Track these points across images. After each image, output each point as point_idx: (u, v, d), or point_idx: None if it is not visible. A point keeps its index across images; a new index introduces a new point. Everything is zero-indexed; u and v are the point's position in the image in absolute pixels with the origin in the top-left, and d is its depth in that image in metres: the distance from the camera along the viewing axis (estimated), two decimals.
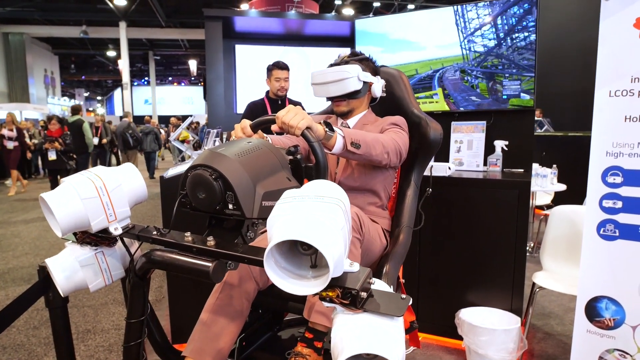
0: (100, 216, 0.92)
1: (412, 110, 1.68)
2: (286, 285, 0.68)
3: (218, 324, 1.15)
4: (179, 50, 21.63)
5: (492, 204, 2.20)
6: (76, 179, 0.93)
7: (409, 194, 1.60)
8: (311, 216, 0.67)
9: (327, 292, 0.71)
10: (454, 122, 2.52)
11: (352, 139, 1.26)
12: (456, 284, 2.28)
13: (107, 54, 20.87)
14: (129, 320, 1.01)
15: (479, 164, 2.46)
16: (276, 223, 0.69)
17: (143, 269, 0.96)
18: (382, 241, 1.44)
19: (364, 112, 1.64)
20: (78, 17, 15.66)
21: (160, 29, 17.16)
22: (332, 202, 0.71)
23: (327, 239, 0.64)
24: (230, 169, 0.87)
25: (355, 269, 0.73)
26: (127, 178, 0.99)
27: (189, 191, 0.91)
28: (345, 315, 0.72)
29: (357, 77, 1.51)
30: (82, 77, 25.85)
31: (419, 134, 1.60)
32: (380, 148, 1.33)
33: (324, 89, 1.56)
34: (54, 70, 20.20)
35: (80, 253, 1.01)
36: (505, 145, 2.41)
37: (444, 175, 2.27)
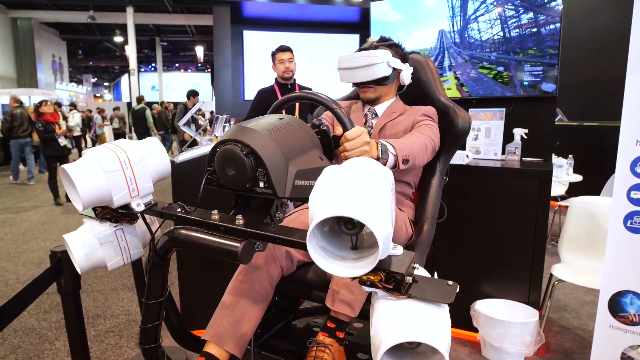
0: (123, 191, 0.88)
1: (439, 97, 1.63)
2: (330, 267, 0.64)
3: (241, 307, 1.12)
4: (186, 37, 21.50)
5: (511, 194, 2.15)
6: (99, 151, 0.90)
7: (433, 184, 1.56)
8: (359, 192, 0.63)
9: (369, 276, 0.67)
10: (471, 109, 2.46)
11: (403, 155, 1.22)
12: (472, 275, 2.24)
13: (114, 40, 20.77)
14: (147, 301, 0.98)
15: (497, 152, 2.41)
16: (320, 199, 0.64)
17: (165, 248, 0.92)
18: (408, 230, 1.40)
19: (392, 99, 1.59)
20: (85, 2, 15.54)
21: (167, 14, 17.03)
22: (379, 178, 0.66)
23: (377, 216, 0.60)
24: (262, 145, 0.83)
25: (399, 252, 0.68)
26: (151, 152, 0.95)
27: (217, 167, 0.86)
28: (387, 301, 0.68)
29: (387, 62, 1.46)
30: (89, 62, 25.78)
31: (446, 123, 1.55)
32: (423, 155, 1.32)
33: (351, 74, 1.50)
34: (61, 55, 20.15)
35: (99, 230, 0.98)
36: (525, 133, 2.35)
37: (461, 164, 2.22)
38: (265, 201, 0.91)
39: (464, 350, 2.15)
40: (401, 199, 1.49)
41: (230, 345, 1.08)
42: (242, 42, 8.72)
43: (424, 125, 1.44)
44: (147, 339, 1.00)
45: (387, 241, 0.63)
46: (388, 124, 1.52)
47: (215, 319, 1.12)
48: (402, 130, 1.48)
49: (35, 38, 16.53)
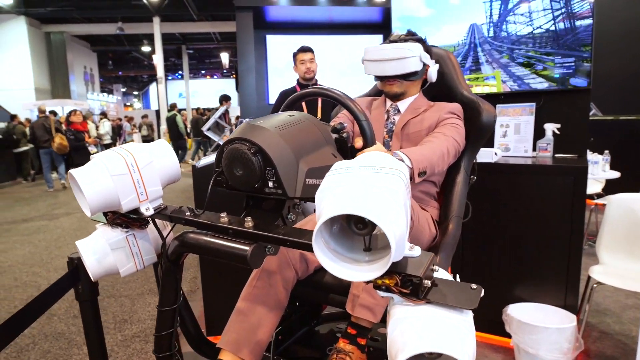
0: (131, 195, 0.86)
1: (461, 92, 1.56)
2: (338, 270, 0.59)
3: (256, 313, 1.08)
4: (211, 44, 21.86)
5: (544, 192, 2.04)
6: (106, 154, 0.88)
7: (458, 182, 1.49)
8: (370, 188, 0.57)
9: (383, 280, 0.61)
10: (499, 104, 2.36)
11: (420, 168, 1.17)
12: (504, 278, 2.14)
13: (142, 50, 21.32)
14: (161, 309, 0.95)
15: (527, 149, 2.30)
16: (327, 196, 0.59)
17: (176, 253, 0.89)
18: (432, 230, 1.33)
19: (415, 95, 1.53)
20: (114, 14, 16.02)
21: (193, 22, 17.37)
22: (391, 173, 0.60)
23: (389, 214, 0.54)
24: (270, 143, 0.79)
25: (417, 253, 0.63)
26: (160, 155, 0.92)
27: (225, 168, 0.83)
28: (404, 307, 0.62)
29: (419, 57, 1.41)
30: (119, 72, 26.55)
31: (470, 117, 1.48)
32: (443, 163, 1.27)
33: (380, 66, 1.44)
34: (92, 67, 20.82)
35: (111, 235, 0.96)
36: (557, 128, 2.23)
37: (489, 162, 2.12)
38: (276, 202, 0.87)
39: (497, 356, 2.05)
40: (425, 199, 1.43)
41: (245, 352, 1.04)
42: (265, 46, 8.78)
43: (448, 125, 1.38)
44: (162, 347, 0.97)
45: (401, 241, 0.57)
46: (411, 121, 1.46)
47: (229, 325, 1.08)
48: (425, 128, 1.42)
49: (68, 51, 17.14)
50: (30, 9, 14.83)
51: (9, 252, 4.04)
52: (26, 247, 4.18)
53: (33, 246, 4.19)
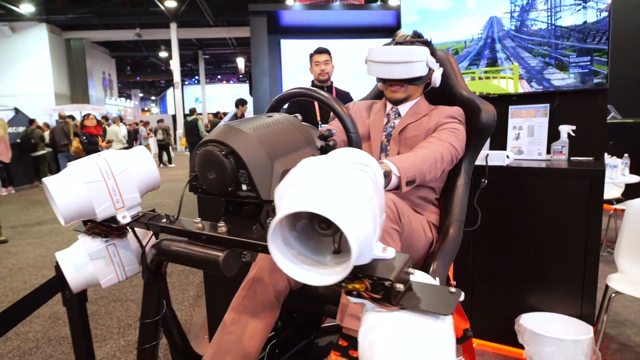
0: (106, 202, 0.82)
1: (460, 92, 1.51)
2: (295, 272, 0.54)
3: (243, 324, 1.03)
4: (227, 49, 22.07)
5: (558, 197, 1.95)
6: (81, 162, 0.84)
7: (459, 185, 1.42)
8: (330, 183, 0.52)
9: (354, 284, 0.56)
10: (511, 106, 2.27)
11: (408, 177, 1.14)
12: (516, 286, 2.05)
13: (159, 55, 21.65)
14: (143, 321, 0.91)
15: (541, 152, 2.20)
16: (286, 194, 0.55)
17: (154, 262, 0.85)
18: (428, 235, 1.27)
19: (416, 99, 1.48)
20: (132, 21, 16.30)
21: (209, 28, 17.56)
22: (356, 168, 0.55)
23: (348, 210, 0.49)
24: (243, 144, 0.75)
25: (390, 254, 0.58)
26: (137, 162, 0.89)
27: (199, 171, 0.79)
28: (375, 314, 0.57)
29: (425, 61, 1.36)
30: (137, 78, 27.02)
31: (469, 118, 1.43)
32: (435, 170, 1.22)
33: (385, 68, 1.38)
34: (111, 72, 21.21)
35: (91, 245, 0.92)
36: (572, 130, 2.14)
37: (501, 165, 2.04)
38: (255, 207, 0.83)
39: None
40: (423, 204, 1.37)
41: None
42: (279, 50, 8.79)
43: (447, 130, 1.33)
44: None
45: (367, 242, 0.52)
46: (410, 125, 1.41)
47: (215, 338, 1.03)
48: (424, 132, 1.37)
49: (87, 57, 17.49)
50: (51, 16, 15.19)
51: (21, 254, 4.08)
52: (38, 249, 4.22)
53: (44, 249, 4.23)
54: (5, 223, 5.16)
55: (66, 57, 17.09)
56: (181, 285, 3.16)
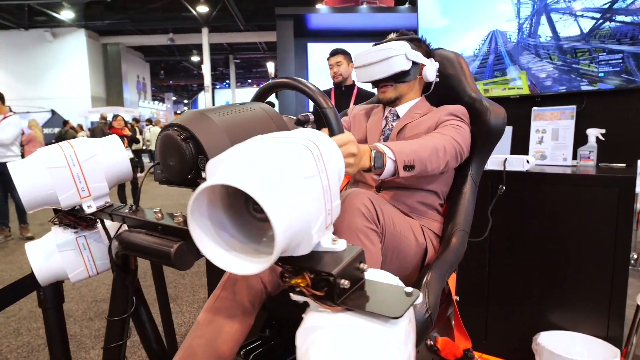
0: (70, 190, 0.77)
1: (469, 93, 1.42)
2: (218, 256, 0.48)
3: (216, 325, 0.96)
4: (258, 53, 22.34)
5: (583, 206, 1.80)
6: (47, 148, 0.80)
7: (464, 192, 1.33)
8: (258, 157, 0.46)
9: (296, 279, 0.49)
10: (535, 107, 2.14)
11: (406, 161, 1.05)
12: (535, 301, 1.91)
13: (191, 59, 22.13)
14: (110, 318, 0.86)
15: (566, 157, 2.06)
16: (217, 169, 0.49)
17: (118, 255, 0.80)
18: (420, 240, 1.18)
19: (415, 99, 1.41)
20: (166, 26, 16.73)
21: (240, 33, 17.83)
22: (299, 143, 0.49)
23: (272, 185, 0.43)
24: (203, 128, 0.69)
25: (340, 247, 0.51)
26: (106, 150, 0.84)
27: (160, 158, 0.73)
28: (317, 315, 0.50)
29: (404, 55, 1.30)
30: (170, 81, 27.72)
31: (477, 121, 1.34)
32: (437, 160, 1.12)
33: (368, 71, 1.36)
34: (145, 76, 21.83)
35: (61, 236, 0.88)
36: (602, 134, 1.99)
37: (520, 171, 1.91)
38: None
39: None
40: (423, 210, 1.28)
41: None
42: (306, 54, 8.80)
43: (448, 126, 1.25)
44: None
45: (301, 227, 0.46)
46: (409, 124, 1.34)
47: (186, 340, 0.97)
48: (424, 131, 1.29)
49: (122, 61, 18.07)
50: (89, 22, 15.79)
51: None
52: None
53: None
54: (34, 220, 5.31)
55: (103, 61, 17.72)
56: (193, 287, 3.14)
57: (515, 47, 2.25)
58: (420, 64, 1.36)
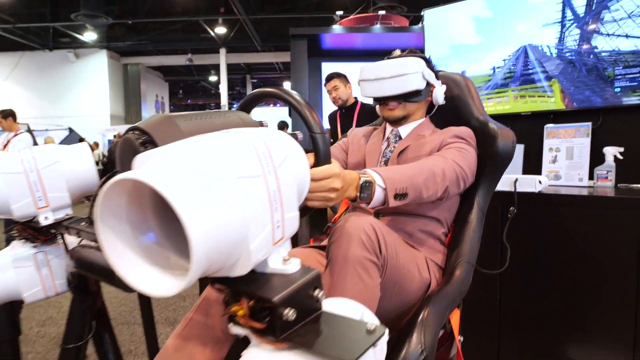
0: (25, 199, 0.71)
1: (476, 116, 1.34)
2: (123, 266, 0.39)
3: (187, 352, 0.87)
4: (274, 73, 22.65)
5: (604, 230, 1.68)
6: (5, 153, 0.74)
7: (471, 220, 1.24)
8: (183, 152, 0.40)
9: (235, 306, 0.42)
10: (547, 125, 2.03)
11: (397, 188, 0.96)
12: (551, 335, 1.77)
13: (209, 79, 22.53)
14: (64, 346, 0.78)
15: (582, 177, 1.94)
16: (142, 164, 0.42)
17: (75, 275, 0.73)
18: (424, 275, 1.08)
19: (419, 120, 1.33)
20: (185, 47, 17.13)
21: (257, 53, 18.13)
22: (238, 137, 0.43)
23: (190, 181, 0.36)
24: (166, 133, 0.62)
25: (292, 268, 0.42)
26: (70, 157, 0.77)
27: (120, 164, 0.67)
28: (256, 353, 0.41)
29: (421, 73, 1.23)
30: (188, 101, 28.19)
31: (485, 144, 1.27)
32: (435, 186, 1.03)
33: (378, 86, 1.26)
34: (164, 95, 22.27)
35: (19, 251, 0.81)
36: (620, 153, 1.87)
37: (532, 192, 1.80)
38: None
39: None
40: (424, 238, 1.18)
41: None
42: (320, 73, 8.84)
43: (452, 149, 1.16)
44: None
45: (231, 239, 0.38)
46: (411, 146, 1.26)
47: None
48: (426, 153, 1.21)
49: (142, 81, 18.50)
50: (111, 43, 16.25)
51: None
52: None
53: None
54: None
55: (123, 81, 18.17)
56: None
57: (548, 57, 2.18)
58: (432, 85, 1.30)
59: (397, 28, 7.92)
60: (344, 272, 0.89)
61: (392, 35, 7.88)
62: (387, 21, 8.54)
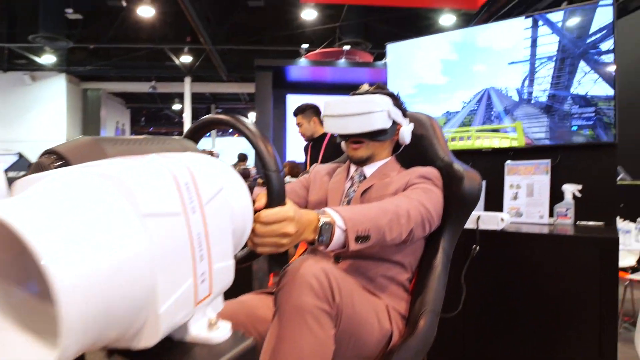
0: None
1: (441, 157, 1.32)
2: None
3: None
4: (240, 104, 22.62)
5: (565, 268, 1.67)
6: None
7: (435, 266, 1.17)
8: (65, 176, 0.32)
9: None
10: (508, 161, 2.04)
11: (359, 230, 0.88)
12: None
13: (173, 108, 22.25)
14: None
15: (543, 214, 1.94)
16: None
17: None
18: (384, 326, 1.00)
19: (385, 159, 1.29)
20: (149, 74, 16.89)
21: (222, 83, 18.09)
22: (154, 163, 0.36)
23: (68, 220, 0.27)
24: (86, 158, 0.53)
25: (220, 335, 0.36)
26: None
27: None
28: None
29: (387, 112, 1.18)
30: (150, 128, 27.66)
31: (450, 186, 1.23)
32: (399, 228, 0.96)
33: (342, 123, 1.20)
34: (125, 122, 21.73)
35: None
36: (578, 190, 1.88)
37: (495, 229, 1.78)
38: None
39: None
40: (387, 285, 1.10)
41: None
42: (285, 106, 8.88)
43: (417, 189, 1.11)
44: None
45: (120, 297, 0.28)
46: (375, 185, 1.21)
47: None
48: (391, 193, 1.16)
49: (102, 106, 18.02)
50: (71, 67, 15.81)
51: None
52: None
53: None
54: None
55: (82, 106, 17.66)
56: None
57: (511, 101, 2.22)
58: (398, 124, 1.26)
59: (361, 63, 8.10)
60: (293, 322, 0.80)
61: (356, 70, 8.05)
62: (352, 56, 8.75)
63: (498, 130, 2.21)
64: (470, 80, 2.42)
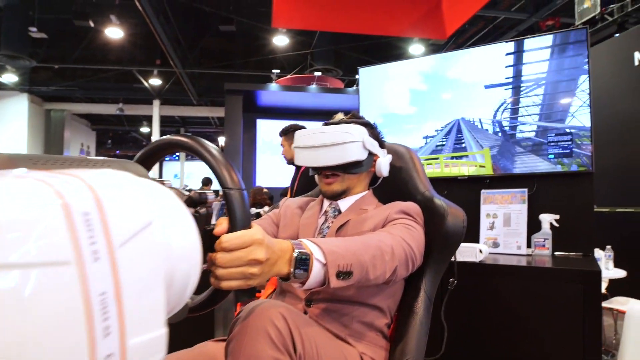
0: None
1: (422, 191, 1.22)
2: None
3: None
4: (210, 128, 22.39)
5: (546, 302, 1.59)
6: None
7: (416, 310, 1.06)
8: None
9: None
10: (484, 190, 1.98)
11: (340, 265, 0.76)
12: None
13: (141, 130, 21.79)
14: None
15: (520, 245, 1.87)
16: None
17: None
18: None
19: (362, 193, 1.18)
20: (116, 96, 16.52)
21: (192, 107, 17.88)
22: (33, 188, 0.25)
23: None
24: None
25: None
26: None
27: None
28: None
29: (362, 143, 1.09)
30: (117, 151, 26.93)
31: (432, 222, 1.13)
32: (383, 266, 0.85)
33: (314, 155, 1.10)
34: (90, 144, 21.10)
35: None
36: (556, 220, 1.83)
37: (473, 262, 1.69)
38: None
39: None
40: (364, 332, 0.98)
41: None
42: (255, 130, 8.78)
43: (399, 225, 1.00)
44: None
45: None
46: (351, 221, 1.09)
47: None
48: (369, 230, 1.04)
49: (66, 128, 17.47)
50: (34, 87, 15.28)
51: None
52: None
53: None
54: None
55: (45, 126, 17.07)
56: None
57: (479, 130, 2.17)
58: (375, 155, 1.15)
59: (332, 89, 8.13)
60: None
61: (327, 96, 8.06)
62: (323, 82, 8.79)
63: (467, 157, 2.18)
64: (439, 110, 2.37)
